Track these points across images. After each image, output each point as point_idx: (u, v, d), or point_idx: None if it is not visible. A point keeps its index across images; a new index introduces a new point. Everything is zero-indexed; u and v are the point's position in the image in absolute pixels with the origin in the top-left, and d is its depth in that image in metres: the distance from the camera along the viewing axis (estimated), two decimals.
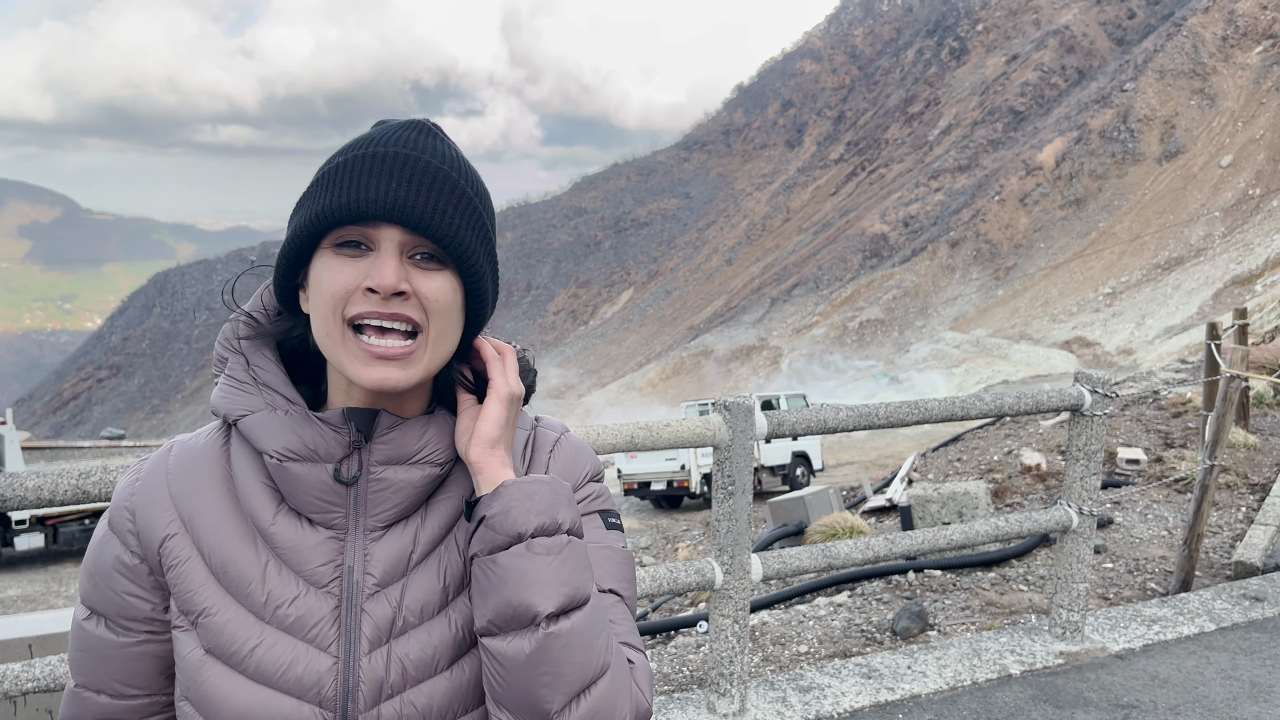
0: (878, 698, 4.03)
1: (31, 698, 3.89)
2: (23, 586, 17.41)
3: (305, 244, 0.99)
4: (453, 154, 1.02)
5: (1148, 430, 10.08)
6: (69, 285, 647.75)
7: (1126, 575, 6.02)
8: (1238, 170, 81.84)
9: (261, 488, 1.04)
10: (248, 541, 1.03)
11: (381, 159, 0.97)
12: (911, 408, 3.99)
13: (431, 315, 0.99)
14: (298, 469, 1.01)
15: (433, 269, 0.99)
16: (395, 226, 0.96)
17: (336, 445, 1.02)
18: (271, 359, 1.07)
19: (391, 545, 1.03)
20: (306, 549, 1.02)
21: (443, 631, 1.03)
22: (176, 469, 1.07)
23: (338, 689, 0.99)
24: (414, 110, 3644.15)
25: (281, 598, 1.01)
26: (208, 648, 1.01)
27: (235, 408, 1.04)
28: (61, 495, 2.64)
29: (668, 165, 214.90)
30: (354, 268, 0.97)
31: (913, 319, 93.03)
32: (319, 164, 1.03)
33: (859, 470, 25.14)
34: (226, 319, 1.10)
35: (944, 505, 7.04)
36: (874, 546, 4.08)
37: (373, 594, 1.02)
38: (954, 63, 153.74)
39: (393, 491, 1.03)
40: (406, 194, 0.95)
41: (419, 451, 1.04)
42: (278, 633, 1.00)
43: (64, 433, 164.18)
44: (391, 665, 1.00)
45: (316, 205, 0.97)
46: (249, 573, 1.02)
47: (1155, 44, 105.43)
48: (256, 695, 0.99)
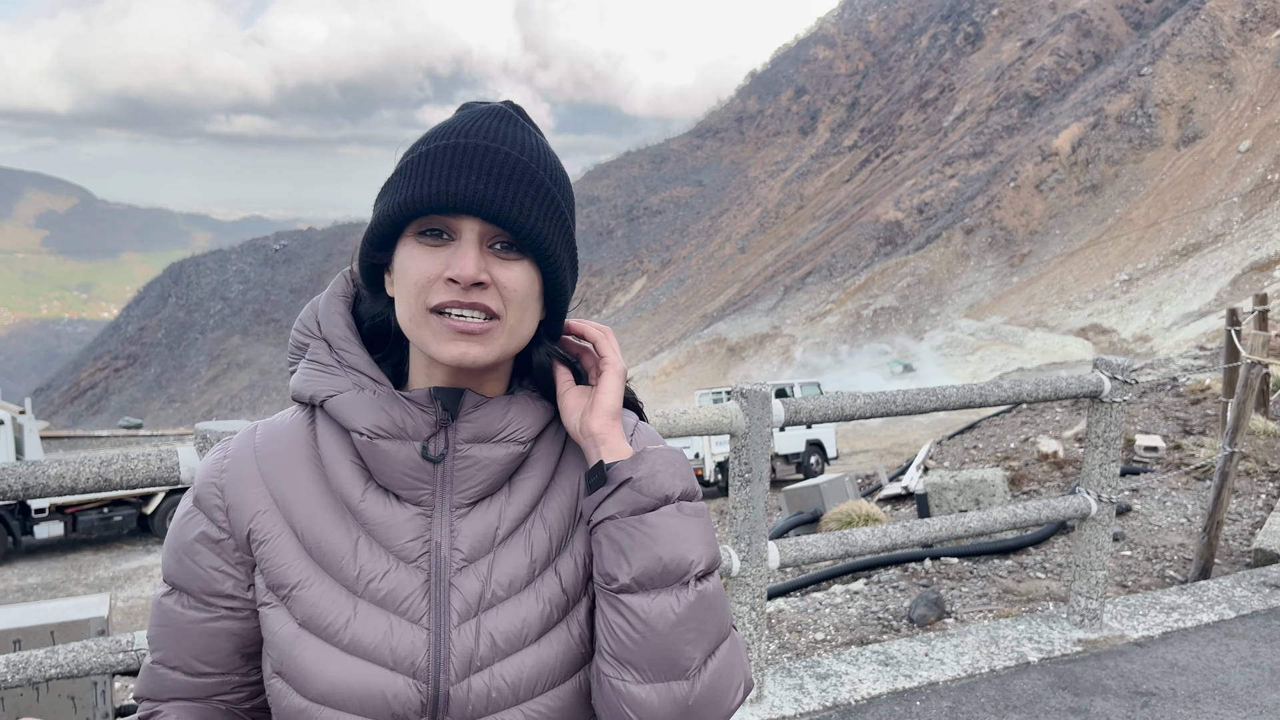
0: (895, 685, 4.02)
1: (54, 684, 3.92)
2: (43, 574, 17.57)
3: (389, 231, 1.02)
4: (533, 142, 1.03)
5: (1166, 417, 10.03)
6: (86, 274, 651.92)
7: (1145, 563, 5.99)
8: (1256, 155, 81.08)
9: (350, 465, 1.06)
10: (338, 518, 1.05)
11: (463, 150, 0.99)
12: (929, 394, 3.97)
13: (509, 304, 1.01)
14: (387, 446, 1.03)
15: (511, 258, 1.01)
16: (475, 218, 0.99)
17: (424, 423, 1.04)
18: (355, 342, 1.09)
19: (478, 521, 1.06)
20: (395, 525, 1.05)
21: (531, 605, 1.05)
22: (265, 448, 1.10)
23: (430, 660, 1.02)
24: (426, 98, 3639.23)
25: (373, 572, 1.03)
26: (301, 621, 1.03)
27: (322, 388, 1.07)
28: (84, 483, 2.66)
29: (680, 153, 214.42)
30: (436, 257, 0.99)
31: (927, 307, 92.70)
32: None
33: (873, 458, 25.10)
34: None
35: (961, 493, 7.02)
36: (891, 534, 4.07)
37: (461, 569, 1.05)
38: (969, 48, 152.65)
39: (478, 469, 1.06)
40: (486, 187, 0.97)
41: (503, 430, 1.06)
42: (370, 606, 1.03)
43: (81, 422, 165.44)
44: (481, 638, 1.03)
45: (400, 195, 0.99)
46: (340, 548, 1.04)
47: (1173, 27, 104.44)
48: (352, 667, 1.01)
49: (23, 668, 2.66)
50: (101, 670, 2.71)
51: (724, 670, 1.02)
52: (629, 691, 1.00)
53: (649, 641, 0.99)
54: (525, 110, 1.08)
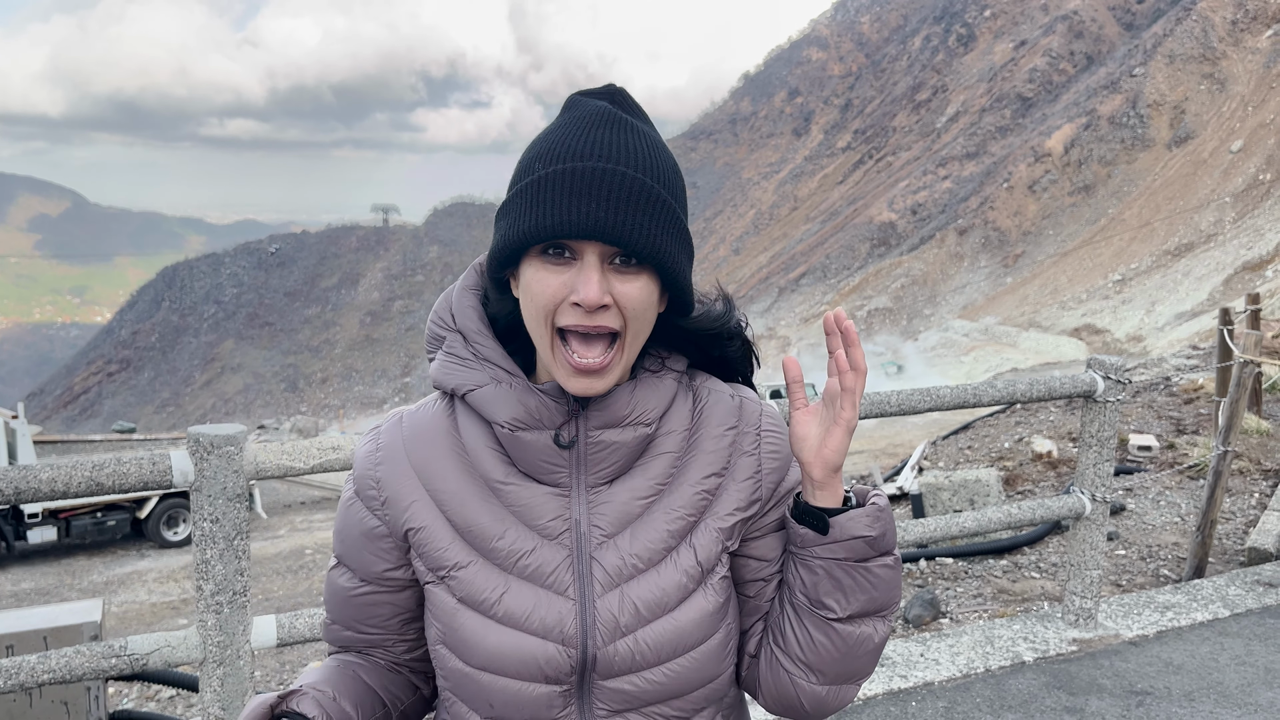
0: (890, 685, 4.02)
1: (47, 689, 3.91)
2: (36, 580, 17.51)
3: (513, 255, 1.09)
4: (644, 147, 1.09)
5: (1159, 417, 10.05)
6: (79, 278, 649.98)
7: (1139, 562, 6.00)
8: (1248, 155, 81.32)
9: (492, 453, 1.16)
10: (485, 503, 1.16)
11: (580, 175, 1.04)
12: (924, 395, 3.97)
13: (630, 319, 1.08)
14: (527, 436, 1.13)
15: (631, 273, 1.08)
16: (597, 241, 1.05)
17: (557, 413, 1.13)
18: (489, 335, 1.17)
19: (614, 499, 1.16)
20: (537, 505, 1.15)
21: (670, 575, 1.15)
22: (413, 439, 1.20)
23: (578, 628, 1.12)
24: (420, 100, 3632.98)
25: (520, 550, 1.14)
26: (460, 598, 1.15)
27: (464, 382, 1.16)
28: (76, 487, 2.65)
29: (674, 154, 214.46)
30: (560, 277, 1.06)
31: (921, 307, 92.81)
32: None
33: (869, 459, 25.10)
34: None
35: (955, 493, 7.03)
36: None
37: (601, 544, 1.15)
38: (961, 49, 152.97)
39: (609, 451, 1.15)
40: (605, 214, 1.03)
41: (630, 415, 1.15)
42: (520, 581, 1.14)
43: (75, 426, 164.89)
44: (624, 606, 1.13)
45: (524, 222, 1.06)
46: (490, 530, 1.15)
47: (1165, 28, 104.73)
48: (506, 637, 1.12)
49: (15, 673, 2.65)
50: (94, 676, 2.70)
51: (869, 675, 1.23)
52: (810, 689, 1.19)
53: (845, 658, 1.17)
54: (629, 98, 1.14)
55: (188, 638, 2.81)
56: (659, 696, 1.16)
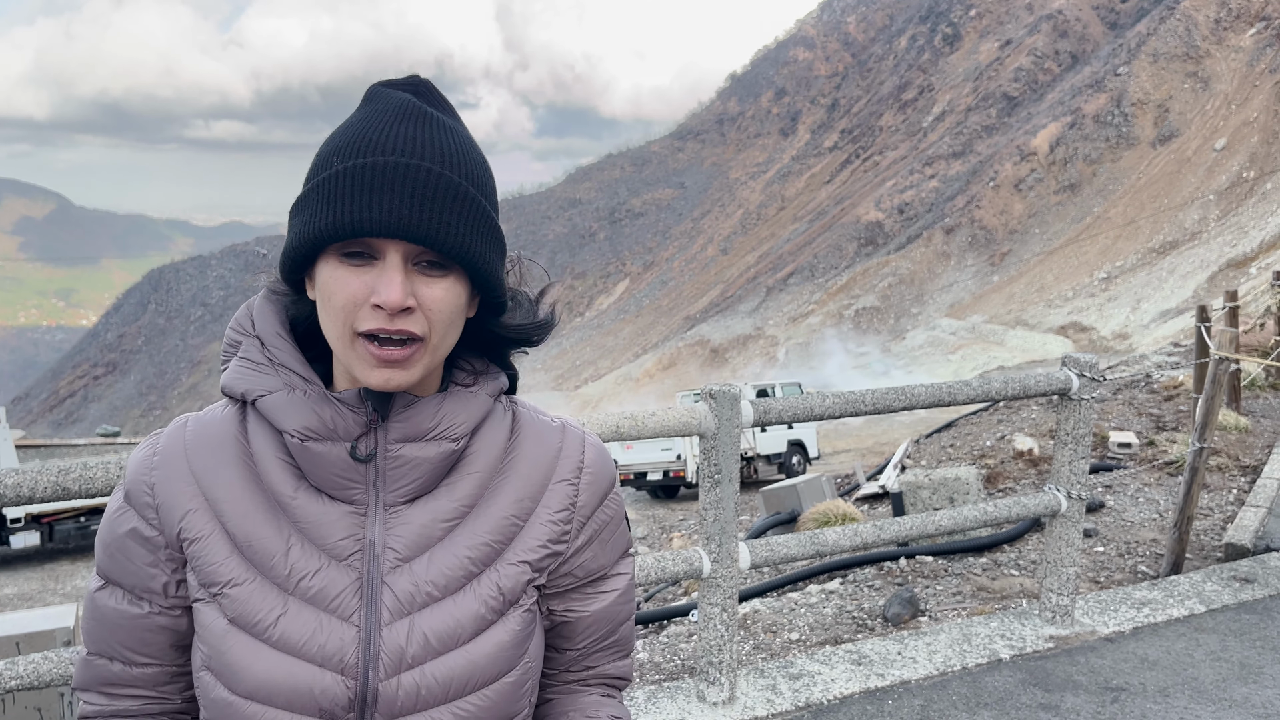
0: (868, 684, 4.03)
1: (20, 695, 3.88)
2: (19, 585, 17.39)
3: (309, 254, 1.01)
4: (449, 142, 1.01)
5: (1140, 414, 10.10)
6: (65, 281, 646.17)
7: (1117, 558, 6.03)
8: (1232, 153, 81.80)
9: (281, 464, 1.06)
10: (270, 516, 1.05)
11: (380, 170, 0.97)
12: (899, 394, 3.98)
13: (434, 324, 1.01)
14: (318, 448, 1.03)
15: (436, 276, 1.01)
16: (401, 240, 0.98)
17: (354, 424, 1.04)
18: (287, 340, 1.08)
19: (413, 520, 1.06)
20: (328, 523, 1.05)
21: (467, 605, 1.06)
22: (195, 445, 1.09)
23: (359, 657, 1.02)
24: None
25: (304, 570, 1.04)
26: (231, 618, 1.04)
27: (253, 387, 1.06)
28: (41, 492, 2.63)
29: (662, 155, 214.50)
30: (360, 279, 0.99)
31: (909, 306, 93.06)
32: (312, 158, 1.03)
33: (855, 458, 25.16)
34: (236, 307, 1.10)
35: (935, 491, 7.05)
36: (862, 533, 4.08)
37: (395, 567, 1.05)
38: (947, 49, 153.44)
39: (410, 468, 1.05)
40: (409, 211, 0.96)
41: (434, 428, 1.06)
42: (301, 604, 1.03)
43: (61, 430, 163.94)
44: (413, 636, 1.04)
45: (319, 220, 0.98)
46: (272, 546, 1.04)
47: (1148, 27, 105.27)
48: (280, 664, 1.02)
49: None
50: (63, 681, 2.68)
51: None
52: None
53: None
54: (435, 90, 1.05)
55: None
56: None
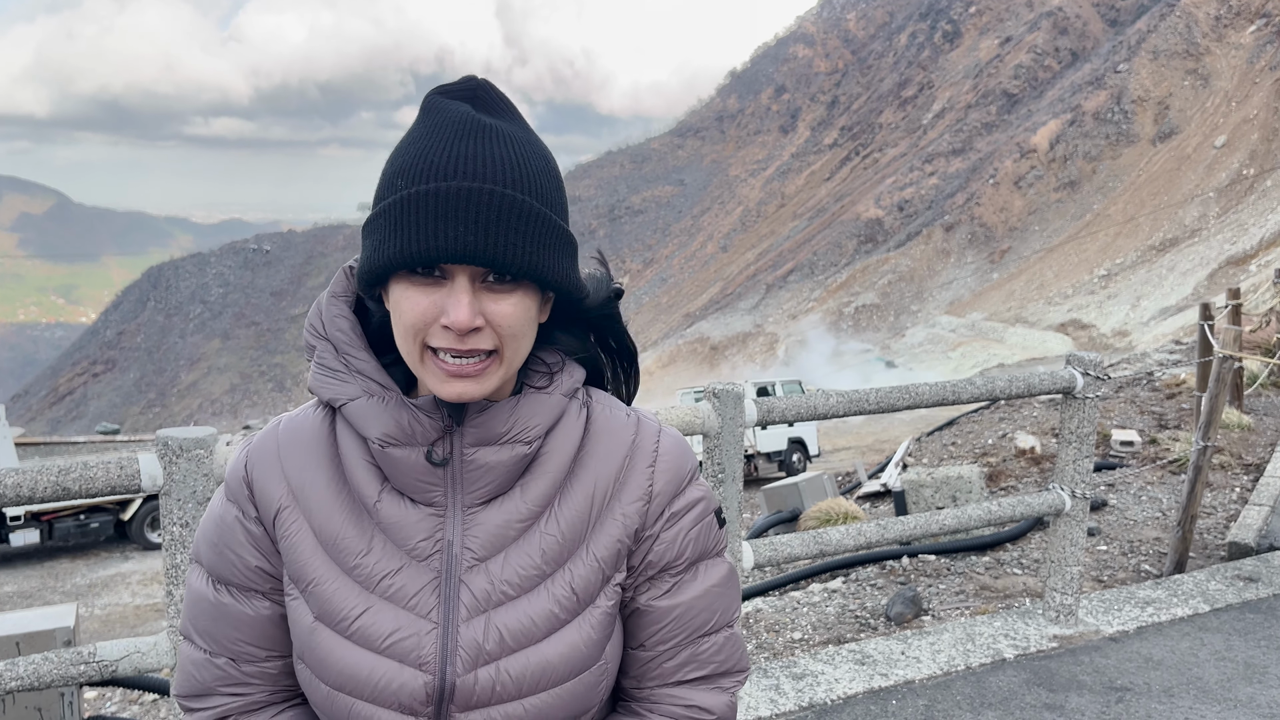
0: (871, 684, 4.01)
1: (20, 695, 3.86)
2: (19, 583, 17.38)
3: (380, 277, 1.04)
4: (511, 157, 1.02)
5: (1142, 412, 10.08)
6: (65, 278, 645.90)
7: (1121, 557, 6.01)
8: (1232, 150, 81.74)
9: (366, 467, 1.10)
10: (355, 517, 1.10)
11: (444, 197, 0.98)
12: (902, 392, 3.96)
13: (505, 339, 1.03)
14: (398, 453, 1.07)
15: (504, 291, 1.02)
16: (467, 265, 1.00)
17: (431, 429, 1.07)
18: (362, 346, 1.11)
19: (490, 520, 1.09)
20: (409, 525, 1.09)
21: (541, 603, 1.09)
22: (287, 445, 1.14)
23: (437, 653, 1.06)
24: (406, 98, 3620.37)
25: (385, 569, 1.08)
26: (317, 615, 1.09)
27: (337, 395, 1.10)
28: (41, 492, 2.61)
29: (661, 152, 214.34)
30: (429, 299, 1.01)
31: (908, 304, 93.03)
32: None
33: (855, 455, 25.16)
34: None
35: (938, 490, 7.03)
36: (866, 532, 4.06)
37: (471, 566, 1.08)
38: (947, 46, 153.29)
39: (485, 471, 1.08)
40: (473, 237, 0.98)
41: (508, 432, 1.08)
42: (382, 602, 1.08)
43: (60, 428, 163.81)
44: (489, 633, 1.07)
45: (388, 247, 1.00)
46: (356, 545, 1.09)
47: (1149, 24, 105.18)
48: (361, 658, 1.06)
49: None
50: (63, 682, 2.66)
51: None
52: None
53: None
54: (492, 93, 1.07)
55: (158, 643, 2.77)
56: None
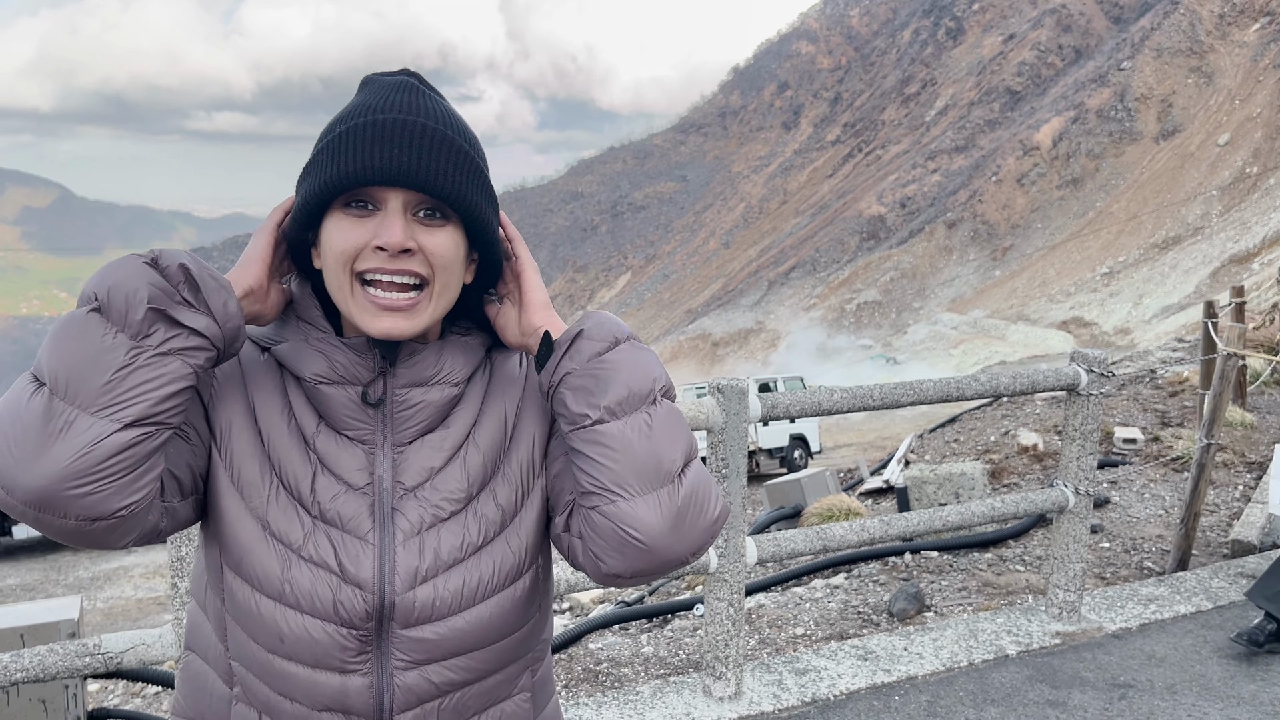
0: (874, 679, 4.01)
1: (24, 687, 3.87)
2: (21, 575, 17.42)
3: (316, 208, 1.08)
4: (442, 109, 1.10)
5: (1145, 410, 10.07)
6: (68, 271, 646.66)
7: (1123, 555, 6.01)
8: (1235, 149, 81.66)
9: (305, 404, 1.15)
10: (299, 447, 1.14)
11: (381, 126, 1.05)
12: (907, 389, 3.96)
13: (437, 269, 1.08)
14: (329, 390, 1.13)
15: (436, 225, 1.08)
16: (400, 189, 1.05)
17: (364, 370, 1.13)
18: (309, 293, 1.17)
19: (417, 454, 1.15)
20: (343, 459, 1.13)
21: (470, 523, 1.15)
22: (251, 368, 1.17)
23: (376, 572, 1.10)
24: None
25: (326, 494, 1.12)
26: (264, 525, 1.11)
27: (268, 333, 1.17)
28: None
29: (664, 148, 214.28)
30: (363, 227, 1.06)
31: (910, 301, 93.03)
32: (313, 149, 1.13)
33: (857, 452, 25.18)
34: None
35: (940, 486, 7.03)
36: (869, 528, 4.06)
37: (403, 495, 1.14)
38: (950, 43, 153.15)
39: (416, 410, 1.14)
40: (408, 159, 1.04)
41: (438, 374, 1.15)
42: (324, 525, 1.12)
43: None
44: (425, 553, 1.12)
45: (325, 174, 1.05)
46: (300, 471, 1.13)
47: (1152, 22, 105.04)
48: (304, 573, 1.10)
49: None
50: (68, 674, 2.67)
51: (701, 479, 1.10)
52: (622, 510, 1.06)
53: (631, 456, 1.06)
54: (424, 79, 1.15)
55: (163, 635, 2.78)
56: (460, 647, 1.14)
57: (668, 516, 1.06)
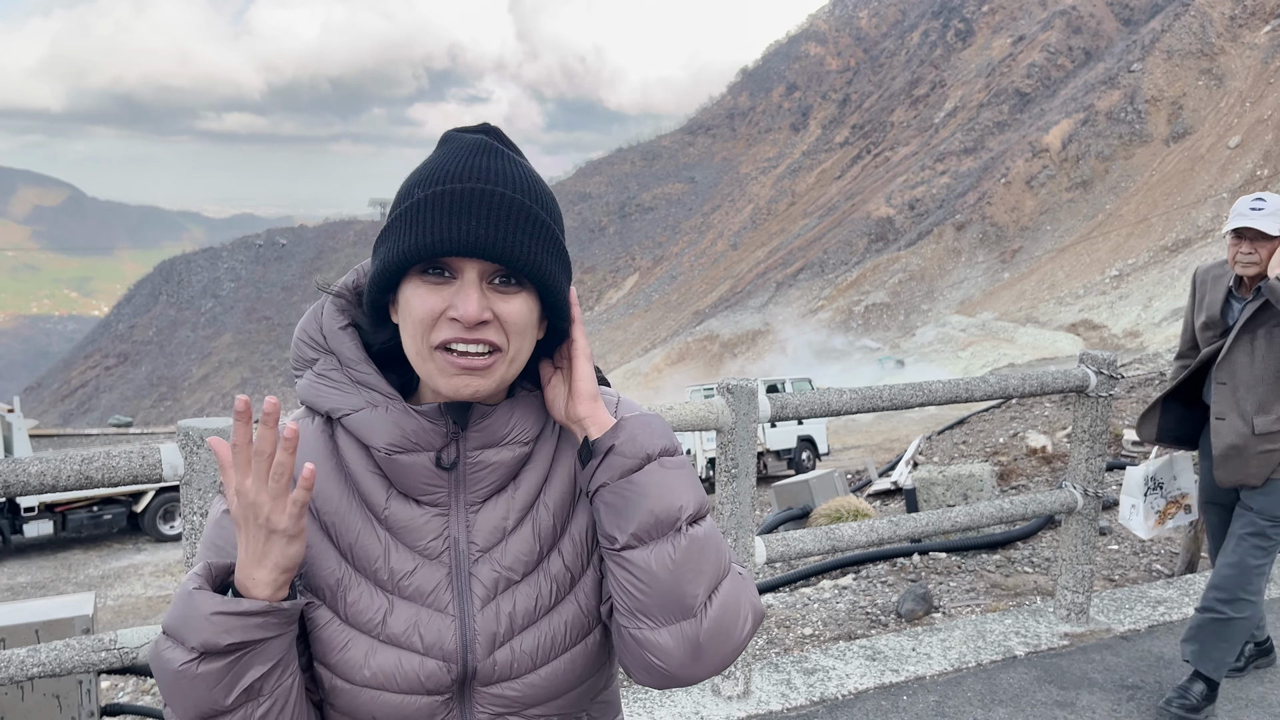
0: (882, 679, 4.03)
1: (38, 683, 3.91)
2: (32, 573, 17.50)
3: (394, 275, 1.09)
4: (519, 173, 1.10)
5: None
6: (79, 270, 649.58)
7: (1132, 557, 6.01)
8: (1245, 151, 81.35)
9: (371, 476, 1.15)
10: (367, 524, 1.14)
11: (459, 196, 1.06)
12: (915, 389, 3.97)
13: (511, 336, 1.09)
14: (404, 459, 1.12)
15: (511, 292, 1.09)
16: (477, 260, 1.06)
17: (436, 435, 1.13)
18: (363, 357, 1.16)
19: (489, 515, 1.16)
20: (417, 526, 1.14)
21: (542, 584, 1.17)
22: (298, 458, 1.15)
23: (458, 643, 1.14)
24: (419, 94, 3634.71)
25: (402, 571, 1.14)
26: (345, 618, 1.13)
27: (339, 405, 1.15)
28: (65, 480, 2.64)
29: (672, 149, 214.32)
30: (439, 296, 1.07)
31: (918, 303, 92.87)
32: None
33: (865, 454, 25.14)
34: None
35: (949, 488, 7.03)
36: (878, 529, 4.07)
37: (478, 559, 1.15)
38: (960, 44, 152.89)
39: (489, 471, 1.15)
40: (485, 231, 1.05)
41: (508, 434, 1.16)
42: (403, 602, 1.13)
43: (72, 420, 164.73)
44: (500, 618, 1.15)
45: (404, 242, 1.06)
46: (373, 551, 1.14)
47: (1163, 23, 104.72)
48: (389, 656, 1.12)
49: (5, 666, 2.65)
50: (84, 669, 2.70)
51: (729, 604, 1.12)
52: (646, 638, 1.10)
53: (655, 589, 1.09)
54: (503, 134, 1.16)
55: None
56: (538, 698, 1.19)
57: (689, 649, 1.10)
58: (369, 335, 1.18)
